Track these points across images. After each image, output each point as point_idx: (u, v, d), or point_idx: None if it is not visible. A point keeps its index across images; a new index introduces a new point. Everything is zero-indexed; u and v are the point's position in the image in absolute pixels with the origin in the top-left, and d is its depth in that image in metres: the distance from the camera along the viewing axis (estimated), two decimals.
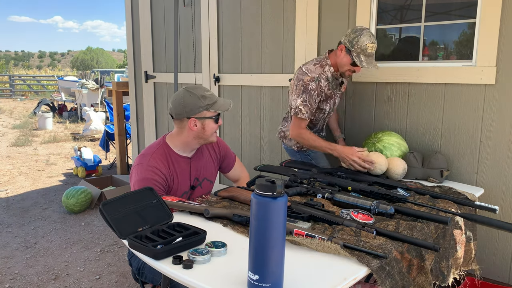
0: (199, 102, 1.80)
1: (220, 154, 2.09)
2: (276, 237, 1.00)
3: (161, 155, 1.84)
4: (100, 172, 5.50)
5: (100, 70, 20.85)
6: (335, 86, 2.40)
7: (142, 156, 1.84)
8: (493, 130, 2.28)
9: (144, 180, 1.75)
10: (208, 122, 1.84)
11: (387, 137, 2.36)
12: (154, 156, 1.82)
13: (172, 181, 1.84)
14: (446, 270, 1.54)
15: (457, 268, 1.66)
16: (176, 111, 1.83)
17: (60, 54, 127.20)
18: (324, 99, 2.38)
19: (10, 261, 3.09)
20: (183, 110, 1.81)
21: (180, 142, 1.89)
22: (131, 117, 4.71)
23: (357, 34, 2.21)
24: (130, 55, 4.57)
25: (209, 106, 1.82)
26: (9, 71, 30.17)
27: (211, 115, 1.84)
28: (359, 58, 2.22)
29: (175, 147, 1.89)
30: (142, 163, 1.80)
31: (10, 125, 10.39)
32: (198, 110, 1.81)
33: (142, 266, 1.77)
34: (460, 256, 1.67)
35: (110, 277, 2.86)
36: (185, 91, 1.83)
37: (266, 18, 3.23)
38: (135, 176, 1.79)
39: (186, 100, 1.80)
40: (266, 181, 0.99)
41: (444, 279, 1.53)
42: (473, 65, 2.31)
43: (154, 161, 1.80)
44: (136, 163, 1.83)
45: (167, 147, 1.88)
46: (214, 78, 3.65)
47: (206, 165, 2.01)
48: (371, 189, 1.83)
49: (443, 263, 1.54)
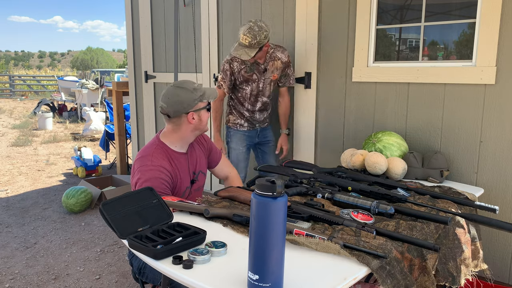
0: (192, 95, 1.85)
1: (207, 146, 2.12)
2: (276, 237, 1.00)
3: (161, 154, 1.84)
4: (100, 172, 5.50)
5: (100, 70, 20.85)
6: (255, 70, 2.75)
7: (142, 158, 1.82)
8: (493, 130, 2.28)
9: (152, 179, 1.74)
10: (203, 112, 1.90)
11: (387, 137, 2.36)
12: (155, 155, 1.82)
13: (175, 178, 1.85)
14: (456, 271, 1.52)
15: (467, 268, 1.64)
16: (174, 109, 1.84)
17: (60, 54, 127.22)
18: (244, 80, 2.78)
19: (10, 261, 3.09)
20: (181, 107, 1.83)
21: (177, 139, 1.89)
22: (131, 117, 4.71)
23: (242, 26, 2.58)
24: (130, 55, 4.57)
25: (201, 97, 1.87)
26: (9, 71, 30.19)
27: (204, 105, 1.90)
28: (233, 46, 2.59)
29: (172, 144, 1.89)
30: (146, 164, 1.79)
31: (10, 125, 10.39)
32: (194, 103, 1.85)
33: (143, 266, 1.77)
34: (468, 256, 1.65)
35: (110, 277, 2.86)
36: (177, 88, 1.85)
37: (266, 18, 3.23)
38: (141, 177, 1.77)
39: (182, 97, 1.83)
40: (266, 181, 0.99)
41: (454, 280, 1.50)
42: (473, 65, 2.31)
43: (158, 160, 1.80)
44: (138, 166, 1.81)
45: (164, 145, 1.88)
46: (214, 78, 3.65)
47: (199, 158, 2.04)
48: (371, 189, 1.83)
49: (450, 263, 1.52)
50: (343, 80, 2.83)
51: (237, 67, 2.75)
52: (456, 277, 1.51)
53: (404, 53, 2.71)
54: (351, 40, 2.76)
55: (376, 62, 2.70)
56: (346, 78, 2.81)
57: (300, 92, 3.07)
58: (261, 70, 2.78)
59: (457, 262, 1.55)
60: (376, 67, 2.67)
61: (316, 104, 2.99)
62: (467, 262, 1.64)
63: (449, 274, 1.50)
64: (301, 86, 3.05)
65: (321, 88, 2.97)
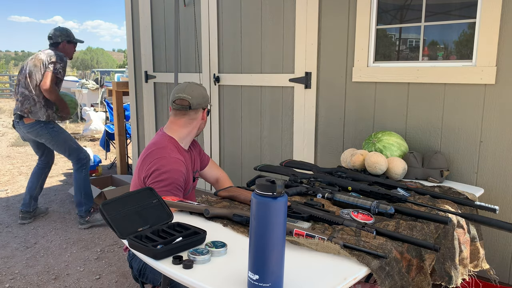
0: (207, 95, 1.99)
1: (197, 148, 2.17)
2: (276, 237, 1.00)
3: (175, 148, 1.85)
4: (100, 172, 5.50)
5: (100, 70, 20.85)
6: None
7: (157, 150, 1.79)
8: (493, 130, 2.28)
9: (172, 171, 1.73)
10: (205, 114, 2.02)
11: (387, 137, 2.36)
12: (170, 147, 1.82)
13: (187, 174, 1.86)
14: (452, 271, 1.52)
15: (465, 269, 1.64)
16: (197, 102, 1.92)
17: None
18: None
19: (10, 261, 3.09)
20: (203, 101, 1.94)
21: (186, 134, 1.93)
22: (131, 117, 4.71)
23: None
24: (130, 55, 4.58)
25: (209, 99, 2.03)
26: (9, 71, 30.16)
27: (209, 108, 2.03)
28: None
29: (180, 140, 1.91)
30: (163, 156, 1.77)
31: (10, 125, 10.39)
32: (208, 102, 1.99)
33: (143, 267, 1.77)
34: (466, 256, 1.65)
35: (110, 277, 2.86)
36: (197, 85, 1.96)
37: (266, 18, 3.23)
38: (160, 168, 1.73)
39: (204, 93, 1.96)
40: (266, 181, 0.99)
41: (450, 280, 1.50)
42: (473, 65, 2.31)
43: (174, 153, 1.80)
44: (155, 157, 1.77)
45: (173, 140, 1.88)
46: (214, 78, 3.65)
47: (196, 158, 2.08)
48: (371, 189, 1.83)
49: (447, 263, 1.52)
50: (343, 80, 2.83)
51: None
52: (452, 277, 1.52)
53: (404, 53, 2.71)
54: (351, 40, 2.76)
55: (376, 62, 2.70)
56: (346, 78, 2.81)
57: (300, 92, 3.07)
58: None
59: (454, 262, 1.55)
60: (376, 67, 2.67)
61: (316, 104, 2.99)
62: (465, 262, 1.64)
63: (446, 273, 1.51)
64: (301, 86, 3.05)
65: (321, 88, 2.97)
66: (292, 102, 3.13)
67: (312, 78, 2.98)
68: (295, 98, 3.11)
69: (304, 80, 3.02)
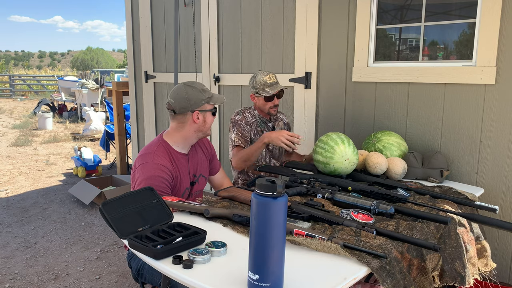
0: (200, 95, 1.87)
1: (210, 153, 2.14)
2: (276, 237, 1.00)
3: (163, 153, 1.84)
4: (100, 172, 5.50)
5: (100, 70, 20.85)
6: (264, 127, 2.52)
7: (144, 156, 1.83)
8: (493, 130, 2.28)
9: (152, 178, 1.74)
10: (208, 115, 1.91)
11: (387, 137, 2.36)
12: (157, 153, 1.82)
13: (176, 178, 1.85)
14: (463, 271, 1.50)
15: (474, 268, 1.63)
16: (181, 105, 1.85)
17: (60, 54, 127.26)
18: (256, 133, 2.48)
19: (10, 261, 3.09)
20: (187, 104, 1.85)
21: (180, 138, 1.90)
22: (131, 117, 4.71)
23: (253, 78, 2.47)
24: (130, 55, 4.58)
25: (209, 99, 1.89)
26: (9, 71, 30.17)
27: (210, 108, 1.91)
28: (265, 91, 2.42)
29: (174, 144, 1.90)
30: (146, 162, 1.79)
31: (10, 125, 10.39)
32: (200, 103, 1.87)
33: (141, 268, 1.77)
34: (474, 255, 1.64)
35: (110, 277, 2.86)
36: (186, 86, 1.87)
37: (266, 18, 3.23)
38: (141, 175, 1.77)
39: (190, 94, 1.85)
40: (266, 181, 0.99)
41: (463, 280, 1.48)
42: (473, 65, 2.31)
43: (159, 159, 1.80)
44: (140, 163, 1.81)
45: (166, 144, 1.88)
46: (214, 78, 3.65)
47: (201, 162, 2.04)
48: (371, 189, 1.83)
49: (457, 263, 1.51)
50: (343, 80, 2.83)
51: (250, 118, 2.49)
52: (464, 276, 1.49)
53: (404, 53, 2.71)
54: (351, 40, 2.76)
55: (376, 62, 2.70)
56: (346, 78, 2.81)
57: (300, 92, 3.07)
58: (270, 128, 2.56)
59: (463, 262, 1.53)
60: (376, 67, 2.67)
61: (316, 104, 2.99)
62: (473, 261, 1.63)
63: (457, 274, 1.48)
64: (301, 86, 3.05)
65: (321, 88, 2.97)
66: (292, 102, 3.13)
67: (312, 78, 2.98)
68: (295, 98, 3.11)
69: (304, 80, 3.02)
